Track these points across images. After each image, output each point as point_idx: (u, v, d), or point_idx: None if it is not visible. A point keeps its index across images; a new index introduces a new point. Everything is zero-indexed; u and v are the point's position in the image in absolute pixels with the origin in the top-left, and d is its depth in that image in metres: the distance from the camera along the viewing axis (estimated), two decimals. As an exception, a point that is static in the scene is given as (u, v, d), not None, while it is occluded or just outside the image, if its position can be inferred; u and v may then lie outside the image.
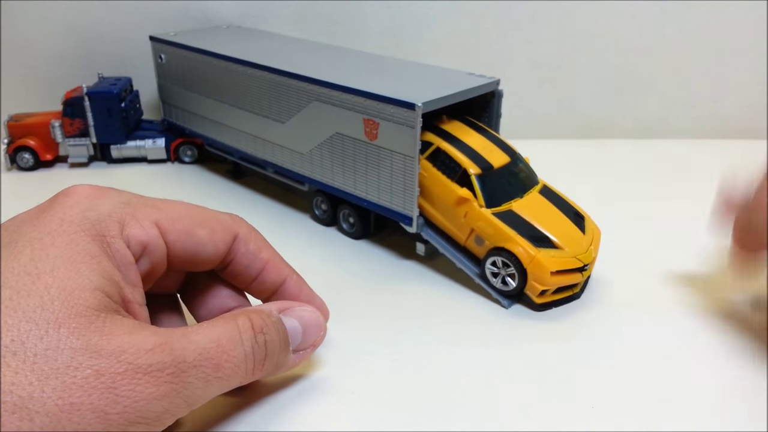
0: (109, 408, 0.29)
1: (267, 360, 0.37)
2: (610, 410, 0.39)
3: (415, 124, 0.50)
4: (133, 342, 0.31)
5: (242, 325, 0.36)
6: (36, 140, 0.77)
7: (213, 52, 0.67)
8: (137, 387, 0.30)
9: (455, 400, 0.40)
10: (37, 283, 0.30)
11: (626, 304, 0.51)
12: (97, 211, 0.34)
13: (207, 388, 0.33)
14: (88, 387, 0.29)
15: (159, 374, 0.31)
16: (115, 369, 0.29)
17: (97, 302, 0.31)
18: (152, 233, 0.36)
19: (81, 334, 0.29)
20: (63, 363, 0.28)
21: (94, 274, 0.32)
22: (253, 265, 0.41)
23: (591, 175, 0.76)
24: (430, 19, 0.84)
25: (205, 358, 0.33)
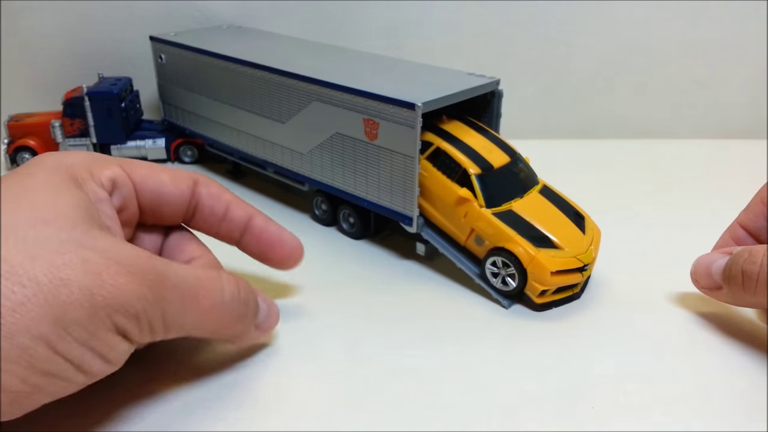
0: (96, 289, 0.31)
1: (243, 319, 0.39)
2: (610, 410, 0.39)
3: (415, 124, 0.50)
4: (116, 246, 0.33)
5: (226, 277, 0.38)
6: (36, 140, 0.77)
7: (213, 52, 0.67)
8: (120, 279, 0.31)
9: (455, 399, 0.40)
10: (23, 201, 0.33)
11: (626, 304, 0.51)
12: (68, 160, 0.38)
13: (183, 314, 0.35)
14: (76, 268, 0.30)
15: (141, 276, 0.32)
16: (99, 260, 0.31)
17: (80, 216, 0.34)
18: (118, 171, 0.40)
19: (69, 231, 0.32)
20: (51, 249, 0.31)
21: (73, 197, 0.35)
22: (217, 205, 0.44)
23: (591, 175, 0.76)
24: (430, 19, 0.84)
25: (184, 284, 0.35)
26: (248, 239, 0.46)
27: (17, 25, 0.81)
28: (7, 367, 0.28)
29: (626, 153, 0.84)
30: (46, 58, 0.83)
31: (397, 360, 0.44)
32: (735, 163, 0.80)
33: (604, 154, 0.84)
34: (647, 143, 0.87)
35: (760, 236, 0.50)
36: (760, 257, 0.42)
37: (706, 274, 0.47)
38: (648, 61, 0.86)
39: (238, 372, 0.42)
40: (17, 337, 0.28)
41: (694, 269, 0.48)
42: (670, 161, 0.81)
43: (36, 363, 0.29)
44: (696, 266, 0.48)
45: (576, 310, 0.50)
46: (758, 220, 0.50)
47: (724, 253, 0.46)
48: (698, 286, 0.48)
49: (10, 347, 0.28)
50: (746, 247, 0.44)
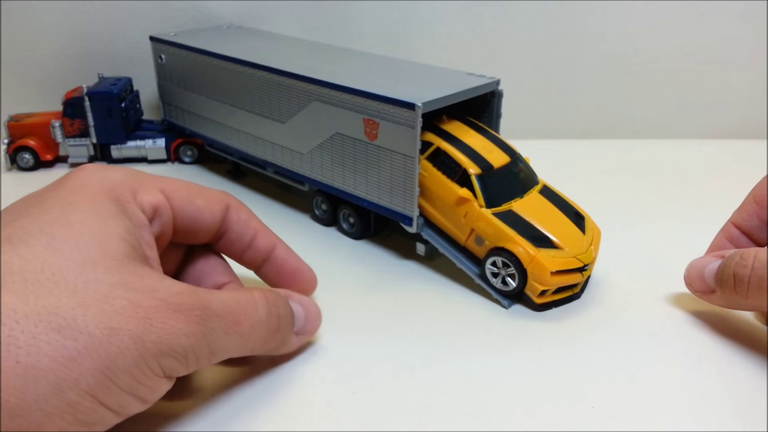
0: (145, 336, 0.31)
1: (278, 332, 0.40)
2: (610, 410, 0.39)
3: (415, 124, 0.50)
4: (164, 284, 0.33)
5: (258, 295, 0.39)
6: (36, 140, 0.77)
7: (213, 52, 0.67)
8: (169, 321, 0.32)
9: (455, 399, 0.40)
10: (71, 230, 0.33)
11: (626, 304, 0.51)
12: (111, 179, 0.38)
13: (227, 340, 0.36)
14: (125, 315, 0.31)
15: (188, 313, 0.33)
16: (149, 303, 0.32)
17: (125, 250, 0.34)
18: (160, 198, 0.40)
19: (116, 272, 0.32)
20: (102, 294, 0.31)
21: (119, 227, 0.35)
22: (245, 232, 0.45)
23: (591, 175, 0.76)
24: (430, 20, 0.84)
25: (227, 311, 0.35)
26: (268, 269, 0.46)
27: (17, 25, 0.81)
28: (51, 422, 0.28)
29: (626, 153, 0.84)
30: (46, 58, 0.83)
31: (396, 360, 0.44)
32: (735, 163, 0.80)
33: (604, 154, 0.84)
34: (647, 143, 0.87)
35: (753, 235, 0.50)
36: (751, 260, 0.42)
37: (699, 278, 0.47)
38: (648, 61, 0.86)
39: (237, 374, 0.42)
40: (66, 393, 0.28)
41: (688, 273, 0.49)
42: (670, 161, 0.81)
43: (80, 416, 0.29)
44: (689, 270, 0.49)
45: (576, 310, 0.50)
46: (751, 219, 0.50)
47: (717, 257, 0.46)
48: (692, 290, 0.49)
49: (57, 403, 0.28)
50: (738, 251, 0.44)
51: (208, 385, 0.41)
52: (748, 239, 0.50)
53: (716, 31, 0.85)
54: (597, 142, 0.87)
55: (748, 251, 0.43)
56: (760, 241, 0.50)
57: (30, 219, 0.33)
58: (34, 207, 0.34)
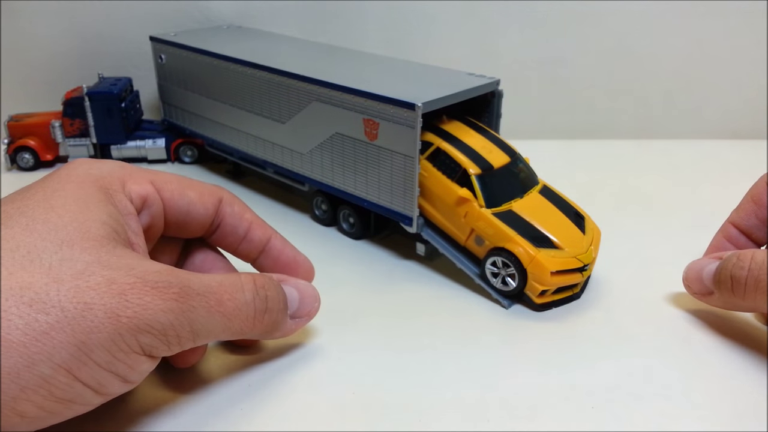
0: (120, 311, 0.31)
1: (267, 314, 0.39)
2: (610, 410, 0.39)
3: (415, 124, 0.50)
4: (142, 263, 0.33)
5: (244, 278, 0.38)
6: (36, 140, 0.77)
7: (213, 52, 0.67)
8: (145, 297, 0.32)
9: (455, 399, 0.40)
10: (51, 213, 0.33)
11: (626, 304, 0.51)
12: (99, 170, 0.38)
13: (210, 320, 0.35)
14: (100, 291, 0.31)
15: (165, 290, 0.33)
16: (125, 279, 0.32)
17: (106, 233, 0.34)
18: (149, 189, 0.40)
19: (93, 251, 0.32)
20: (77, 270, 0.31)
21: (102, 212, 0.35)
22: (240, 224, 0.45)
23: (591, 175, 0.76)
24: (430, 19, 0.84)
25: (208, 291, 0.35)
26: (265, 260, 0.46)
27: (17, 25, 0.81)
28: (25, 396, 0.28)
29: (626, 153, 0.84)
30: (46, 58, 0.83)
31: (396, 359, 0.44)
32: (735, 163, 0.80)
33: (604, 154, 0.84)
34: (647, 143, 0.87)
35: (752, 234, 0.50)
36: (748, 262, 0.42)
37: (697, 280, 0.47)
38: (648, 61, 0.86)
39: (238, 374, 0.42)
40: (38, 367, 0.28)
41: (686, 275, 0.49)
42: (671, 161, 0.81)
43: (55, 391, 0.29)
44: (687, 272, 0.49)
45: (576, 310, 0.50)
46: (749, 218, 0.50)
47: (714, 258, 0.46)
48: (690, 292, 0.49)
49: (30, 377, 0.28)
50: (735, 252, 0.44)
51: (208, 384, 0.41)
52: (747, 238, 0.50)
53: (716, 31, 0.85)
54: (597, 142, 0.87)
55: (745, 252, 0.43)
56: (759, 240, 0.50)
57: (13, 204, 0.34)
58: (19, 194, 0.35)
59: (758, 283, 0.41)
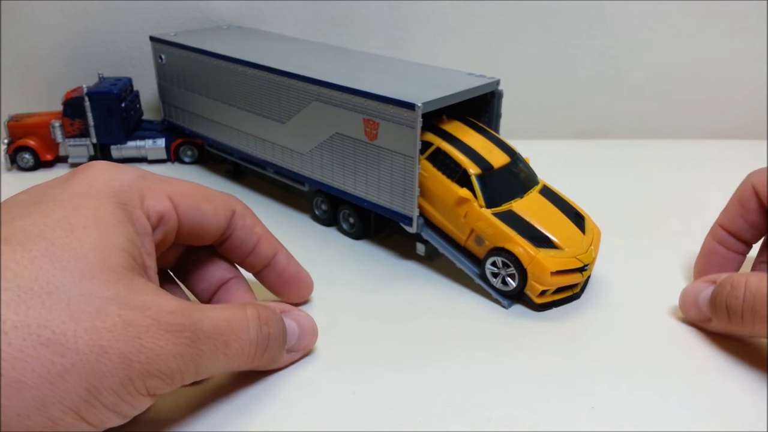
0: (133, 356, 0.31)
1: (267, 351, 0.39)
2: (610, 410, 0.40)
3: (415, 124, 0.50)
4: (157, 302, 0.33)
5: (250, 314, 0.38)
6: (36, 140, 0.77)
7: (213, 52, 0.67)
8: (159, 341, 0.32)
9: (455, 399, 0.40)
10: (71, 236, 0.32)
11: (626, 305, 0.51)
12: (119, 181, 0.37)
13: (214, 361, 0.35)
14: (116, 333, 0.30)
15: (179, 334, 0.33)
16: (141, 321, 0.31)
17: (125, 261, 0.33)
18: (167, 205, 0.39)
19: (112, 286, 0.32)
20: (95, 308, 0.30)
21: (121, 236, 0.34)
22: (249, 238, 0.45)
23: (591, 175, 0.76)
24: (430, 20, 0.84)
25: (217, 332, 0.35)
26: (268, 274, 0.47)
27: (17, 25, 0.81)
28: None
29: (626, 153, 0.84)
30: (46, 58, 0.83)
31: (396, 359, 0.44)
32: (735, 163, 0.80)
33: (604, 154, 0.84)
34: (647, 143, 0.87)
35: (741, 236, 0.50)
36: (742, 290, 0.41)
37: (693, 306, 0.46)
38: (648, 61, 0.86)
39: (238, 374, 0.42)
40: (49, 409, 0.28)
41: (682, 302, 0.48)
42: (671, 161, 0.81)
43: (59, 429, 0.29)
44: (683, 299, 0.47)
45: (576, 310, 0.50)
46: (737, 221, 0.49)
47: (708, 283, 0.45)
48: (688, 319, 0.47)
49: (40, 418, 0.28)
50: (728, 278, 0.43)
51: (208, 385, 0.41)
52: (737, 240, 0.50)
53: (716, 31, 0.85)
54: (597, 142, 0.87)
55: (738, 279, 0.42)
56: (749, 240, 0.50)
57: (31, 220, 0.33)
58: (36, 207, 0.34)
59: (755, 312, 0.40)
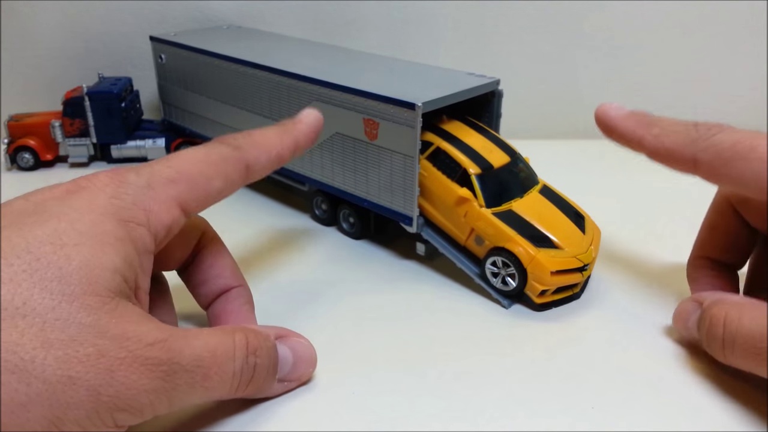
0: (102, 389, 0.29)
1: (252, 382, 0.37)
2: (610, 410, 0.39)
3: (415, 124, 0.50)
4: (138, 332, 0.31)
5: (238, 341, 0.36)
6: (36, 140, 0.77)
7: (213, 52, 0.67)
8: (132, 375, 0.30)
9: (455, 400, 0.40)
10: (59, 253, 0.30)
11: (626, 305, 0.51)
12: (122, 199, 0.35)
13: (191, 393, 0.34)
14: (88, 364, 0.29)
15: (154, 369, 0.31)
16: (116, 353, 0.30)
17: (114, 285, 0.31)
18: (175, 214, 0.37)
19: (92, 312, 0.30)
20: (69, 336, 0.29)
21: (117, 256, 0.32)
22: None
23: (591, 175, 0.76)
24: (430, 19, 0.84)
25: (197, 365, 0.33)
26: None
27: (17, 25, 0.81)
28: None
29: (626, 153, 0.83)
30: (46, 58, 0.84)
31: (396, 360, 0.44)
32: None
33: (604, 154, 0.84)
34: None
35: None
36: (721, 328, 0.39)
37: (685, 329, 0.45)
38: (648, 61, 0.86)
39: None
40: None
41: (674, 322, 0.46)
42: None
43: None
44: (675, 319, 0.45)
45: (576, 310, 0.50)
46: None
47: (697, 303, 0.43)
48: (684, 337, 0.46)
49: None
50: (707, 311, 0.41)
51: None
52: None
53: (716, 31, 0.85)
54: (597, 142, 0.87)
55: (716, 314, 0.40)
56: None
57: (21, 231, 0.31)
58: (29, 217, 0.32)
59: (734, 350, 0.38)
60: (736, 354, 0.38)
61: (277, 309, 0.50)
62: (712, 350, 0.41)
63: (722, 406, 0.40)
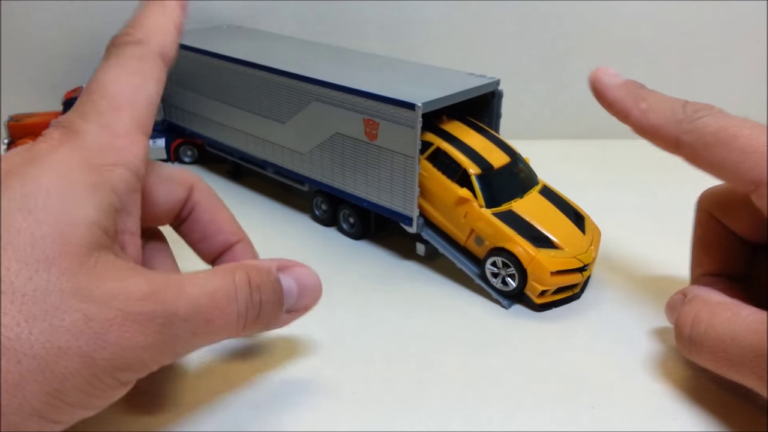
0: (96, 354, 0.28)
1: (259, 319, 0.36)
2: (610, 410, 0.40)
3: (415, 124, 0.50)
4: (125, 288, 0.30)
5: (239, 280, 0.35)
6: (36, 140, 0.77)
7: (213, 52, 0.67)
8: (125, 334, 0.29)
9: (455, 400, 0.40)
10: (28, 219, 0.29)
11: (626, 305, 0.51)
12: (87, 147, 0.33)
13: (194, 341, 0.33)
14: (76, 331, 0.28)
15: (148, 324, 0.30)
16: (104, 315, 0.29)
17: (90, 239, 0.30)
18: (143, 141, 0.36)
19: (71, 276, 0.29)
20: (52, 305, 0.28)
21: (91, 206, 0.31)
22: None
23: (591, 175, 0.76)
24: (429, 19, 0.84)
25: (197, 312, 0.32)
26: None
27: (17, 25, 0.81)
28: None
29: (626, 153, 0.84)
30: (46, 58, 0.83)
31: (396, 360, 0.44)
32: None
33: (604, 154, 0.84)
34: (648, 143, 0.86)
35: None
36: (688, 329, 0.38)
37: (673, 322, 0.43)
38: (648, 61, 0.86)
39: (237, 374, 0.42)
40: (9, 418, 0.27)
41: (666, 315, 0.45)
42: (671, 162, 0.81)
43: (24, 430, 0.27)
44: (667, 312, 0.45)
45: (576, 310, 0.50)
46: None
47: (682, 295, 0.42)
48: None
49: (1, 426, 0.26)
50: (680, 311, 0.40)
51: (203, 384, 0.41)
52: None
53: (716, 31, 0.84)
54: (597, 142, 0.87)
55: (686, 313, 0.39)
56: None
57: None
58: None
59: (700, 352, 0.38)
60: (703, 356, 0.38)
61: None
62: (680, 348, 0.40)
63: (722, 406, 0.40)
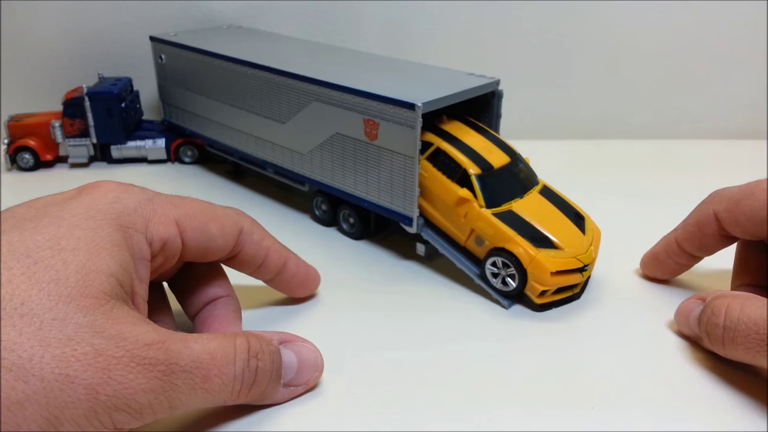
0: (100, 388, 0.29)
1: (254, 386, 0.37)
2: (610, 410, 0.40)
3: (415, 125, 0.50)
4: (135, 332, 0.31)
5: (239, 345, 0.36)
6: (36, 140, 0.77)
7: (213, 52, 0.67)
8: (129, 375, 0.30)
9: (455, 400, 0.40)
10: (57, 257, 0.31)
11: (626, 305, 0.51)
12: (123, 204, 0.36)
13: (191, 396, 0.34)
14: (85, 363, 0.29)
15: (151, 368, 0.31)
16: (113, 352, 0.30)
17: (110, 288, 0.32)
18: (172, 231, 0.38)
19: (89, 313, 0.30)
20: (67, 335, 0.29)
21: (113, 261, 0.33)
22: (258, 253, 0.45)
23: (591, 175, 0.76)
24: (429, 19, 0.84)
25: (196, 366, 0.33)
26: (279, 281, 0.48)
27: (17, 25, 0.81)
28: None
29: (626, 153, 0.84)
30: (46, 58, 0.83)
31: (396, 360, 0.44)
32: (735, 163, 0.80)
33: (604, 154, 0.84)
34: (647, 143, 0.87)
35: (693, 254, 0.50)
36: (722, 318, 0.40)
37: (686, 326, 0.45)
38: (648, 61, 0.86)
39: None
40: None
41: (676, 320, 0.47)
42: (671, 162, 0.81)
43: None
44: (677, 317, 0.46)
45: (576, 310, 0.50)
46: (692, 240, 0.49)
47: (699, 300, 0.44)
48: (685, 335, 0.46)
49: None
50: (710, 303, 0.42)
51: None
52: (689, 256, 0.50)
53: (716, 31, 0.85)
54: (597, 142, 0.87)
55: (719, 305, 0.41)
56: (700, 257, 0.51)
57: (21, 236, 0.32)
58: (29, 222, 0.33)
59: (734, 340, 0.39)
60: (736, 343, 0.39)
61: (276, 310, 0.50)
62: (712, 341, 0.41)
63: (722, 406, 0.40)
